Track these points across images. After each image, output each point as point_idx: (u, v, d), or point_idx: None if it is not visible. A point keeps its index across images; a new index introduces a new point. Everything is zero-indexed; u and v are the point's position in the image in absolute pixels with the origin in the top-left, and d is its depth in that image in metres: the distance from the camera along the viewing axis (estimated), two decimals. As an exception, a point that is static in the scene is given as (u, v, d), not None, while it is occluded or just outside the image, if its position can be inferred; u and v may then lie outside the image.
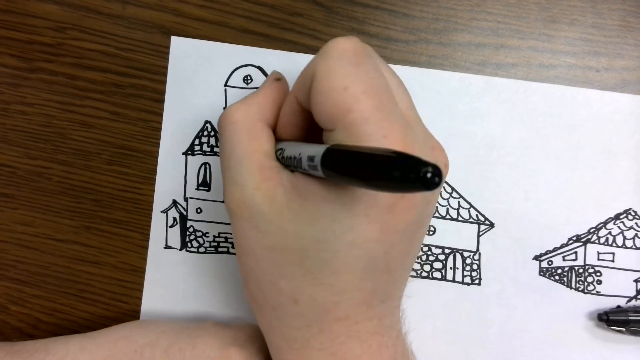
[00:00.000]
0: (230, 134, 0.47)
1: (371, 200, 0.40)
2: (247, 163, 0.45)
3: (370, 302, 0.45)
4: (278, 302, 0.46)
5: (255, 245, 0.45)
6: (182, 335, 0.56)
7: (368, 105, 0.40)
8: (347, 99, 0.40)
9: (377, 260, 0.43)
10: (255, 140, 0.46)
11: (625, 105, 0.63)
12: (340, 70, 0.41)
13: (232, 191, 0.45)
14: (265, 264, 0.45)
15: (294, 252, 0.43)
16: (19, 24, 0.64)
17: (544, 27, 0.63)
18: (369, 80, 0.41)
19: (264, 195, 0.44)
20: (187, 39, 0.63)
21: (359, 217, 0.40)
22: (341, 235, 0.41)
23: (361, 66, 0.42)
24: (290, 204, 0.43)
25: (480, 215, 0.63)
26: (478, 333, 0.63)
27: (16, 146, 0.64)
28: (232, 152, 0.46)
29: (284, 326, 0.46)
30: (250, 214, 0.44)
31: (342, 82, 0.40)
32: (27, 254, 0.65)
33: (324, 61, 0.42)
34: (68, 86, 0.63)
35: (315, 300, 0.44)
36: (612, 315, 0.60)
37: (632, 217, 0.63)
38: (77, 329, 0.65)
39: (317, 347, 0.45)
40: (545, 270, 0.62)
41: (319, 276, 0.43)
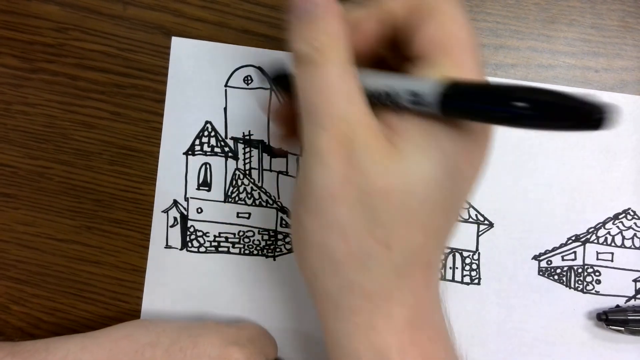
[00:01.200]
0: (333, 68, 0.42)
1: (476, 139, 0.41)
2: (357, 100, 0.41)
3: (441, 250, 0.45)
4: (369, 252, 0.41)
5: (351, 188, 0.40)
6: (183, 335, 0.56)
7: (474, 54, 0.41)
8: (465, 37, 0.40)
9: (460, 207, 0.44)
10: (355, 79, 0.42)
11: (624, 106, 0.63)
12: (460, 10, 0.41)
13: (337, 127, 0.40)
14: (361, 209, 0.41)
15: (395, 192, 0.40)
16: (20, 24, 0.64)
17: (543, 28, 0.64)
18: (472, 31, 0.42)
19: (373, 135, 0.40)
20: (187, 40, 0.63)
21: (464, 154, 0.40)
22: (454, 175, 0.40)
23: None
24: (398, 143, 0.40)
25: (479, 215, 0.63)
26: (477, 332, 0.63)
27: (18, 146, 0.64)
28: (338, 88, 0.41)
29: (369, 280, 0.42)
30: (354, 152, 0.40)
31: (462, 20, 0.41)
32: (28, 254, 0.65)
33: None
34: (69, 86, 0.64)
35: (408, 243, 0.41)
36: (611, 315, 0.60)
37: (631, 217, 0.63)
38: (78, 329, 0.65)
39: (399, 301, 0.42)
40: (544, 269, 0.63)
41: (414, 219, 0.41)
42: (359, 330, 0.43)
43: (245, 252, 0.64)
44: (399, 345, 0.42)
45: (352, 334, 0.43)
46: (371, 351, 0.42)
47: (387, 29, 0.44)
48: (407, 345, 0.42)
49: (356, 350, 0.43)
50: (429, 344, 0.43)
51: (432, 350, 0.43)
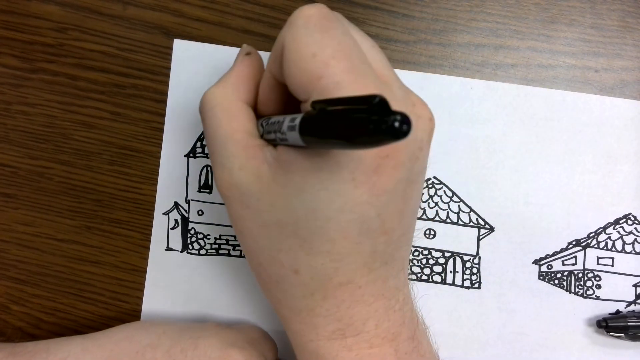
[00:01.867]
0: (211, 118, 0.47)
1: (356, 164, 0.40)
2: (230, 145, 0.45)
3: (371, 265, 0.45)
4: (280, 276, 0.46)
5: (250, 223, 0.46)
6: (184, 336, 0.56)
7: (339, 69, 0.40)
8: (317, 65, 0.40)
9: (371, 222, 0.43)
10: (234, 121, 0.46)
11: (625, 111, 0.63)
12: (307, 38, 0.41)
13: (220, 174, 0.46)
14: (263, 241, 0.46)
15: (287, 224, 0.43)
16: (20, 24, 0.63)
17: (543, 28, 0.64)
18: (337, 45, 0.41)
19: (250, 173, 0.44)
20: (189, 42, 0.63)
21: (346, 182, 0.40)
22: (330, 202, 0.41)
23: (328, 31, 0.41)
24: (277, 178, 0.43)
25: (480, 219, 0.63)
26: (477, 336, 0.63)
27: (17, 146, 0.64)
28: (215, 135, 0.46)
29: (289, 298, 0.47)
30: (240, 194, 0.45)
31: (309, 50, 0.40)
32: (28, 254, 0.65)
33: (290, 30, 0.42)
34: (69, 86, 0.63)
35: (315, 268, 0.44)
36: (611, 321, 0.60)
37: (632, 222, 0.63)
38: (78, 328, 0.65)
39: (323, 315, 0.46)
40: (544, 274, 0.63)
41: (315, 245, 0.43)
42: (296, 336, 0.49)
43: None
44: (332, 350, 0.47)
45: (293, 339, 0.50)
46: (309, 355, 0.48)
47: (278, 85, 0.47)
48: (341, 350, 0.46)
49: (300, 353, 0.50)
50: (370, 350, 0.46)
51: (372, 354, 0.46)
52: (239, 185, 0.44)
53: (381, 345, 0.46)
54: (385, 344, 0.47)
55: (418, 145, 0.44)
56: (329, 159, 0.40)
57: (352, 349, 0.46)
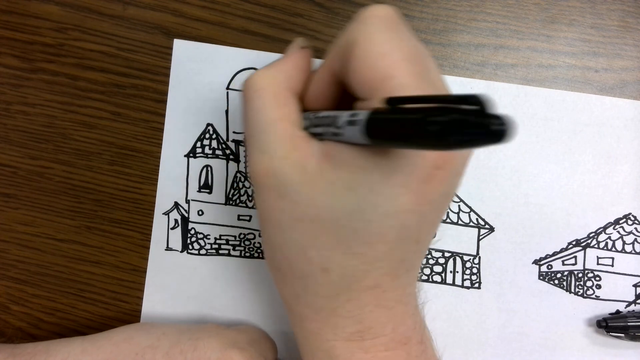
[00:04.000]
0: (256, 100, 0.46)
1: (411, 169, 0.40)
2: (275, 131, 0.44)
3: (397, 272, 0.45)
4: (306, 272, 0.45)
5: (282, 216, 0.44)
6: (183, 337, 0.56)
7: (408, 72, 0.40)
8: (388, 65, 0.40)
9: (410, 230, 0.42)
10: (283, 108, 0.45)
11: (625, 111, 0.63)
12: (379, 37, 0.41)
13: (258, 160, 0.44)
14: (294, 235, 0.44)
15: (325, 221, 0.42)
16: (20, 24, 0.63)
17: (543, 28, 0.64)
18: (407, 48, 0.41)
19: (294, 164, 0.43)
20: (189, 42, 0.63)
21: (397, 187, 0.40)
22: (377, 206, 0.41)
23: (399, 33, 0.42)
24: (324, 173, 0.42)
25: (480, 219, 0.63)
26: (477, 336, 0.63)
27: (17, 146, 0.64)
28: (258, 119, 0.45)
29: (311, 295, 0.46)
30: (278, 183, 0.44)
31: (382, 49, 0.40)
32: (28, 254, 0.65)
33: (362, 27, 0.42)
34: (69, 86, 0.63)
35: (346, 269, 0.43)
36: (610, 321, 0.60)
37: (632, 222, 0.63)
38: (78, 329, 0.65)
39: (344, 315, 0.45)
40: (544, 274, 0.63)
41: (351, 246, 0.43)
42: (310, 335, 0.48)
43: (246, 254, 0.64)
44: (347, 352, 0.46)
45: (306, 338, 0.49)
46: (322, 354, 0.47)
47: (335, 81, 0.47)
48: (357, 352, 0.46)
49: (311, 352, 0.49)
50: (385, 353, 0.46)
51: (386, 356, 0.46)
52: (278, 174, 0.43)
53: (395, 349, 0.46)
54: (399, 348, 0.46)
55: (464, 161, 0.44)
56: (384, 160, 0.40)
57: (368, 351, 0.46)
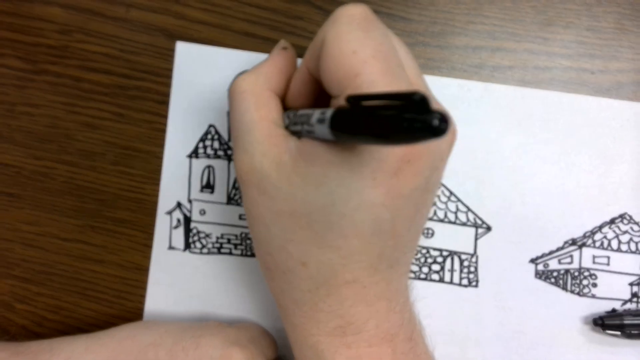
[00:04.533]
0: (239, 103, 0.48)
1: (378, 164, 0.40)
2: (255, 131, 0.46)
3: (377, 266, 0.45)
4: (287, 266, 0.46)
5: (264, 210, 0.46)
6: (186, 335, 0.57)
7: (376, 69, 0.40)
8: (356, 62, 0.40)
9: (383, 224, 0.43)
10: (262, 109, 0.47)
11: (621, 112, 0.63)
12: (349, 35, 0.42)
13: (241, 159, 0.46)
14: (275, 229, 0.46)
15: (301, 216, 0.44)
16: (24, 26, 0.64)
17: (539, 30, 0.64)
18: (377, 45, 0.41)
19: (272, 161, 0.44)
20: (192, 44, 0.63)
21: (366, 180, 0.41)
22: (348, 199, 0.41)
23: (370, 31, 0.42)
24: (298, 168, 0.43)
25: (477, 219, 0.63)
26: (475, 334, 0.63)
27: (22, 147, 0.65)
28: (241, 120, 0.47)
29: (294, 289, 0.47)
30: (259, 180, 0.45)
31: (351, 47, 0.41)
32: (32, 253, 0.66)
33: (333, 26, 0.43)
34: (73, 88, 0.64)
35: (323, 263, 0.44)
36: (607, 320, 0.61)
37: (627, 221, 0.63)
38: (82, 327, 0.66)
39: (326, 310, 0.46)
40: (541, 273, 0.63)
41: (326, 239, 0.43)
42: (296, 329, 0.49)
43: (247, 253, 0.64)
44: (331, 347, 0.47)
45: (293, 332, 0.50)
46: (308, 348, 0.48)
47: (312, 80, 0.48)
48: (341, 347, 0.47)
49: (299, 346, 0.50)
50: (368, 349, 0.47)
51: (370, 352, 0.47)
52: (259, 170, 0.45)
53: (379, 345, 0.47)
54: (384, 344, 0.47)
55: (439, 156, 0.44)
56: (352, 155, 0.41)
57: (351, 346, 0.46)
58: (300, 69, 0.49)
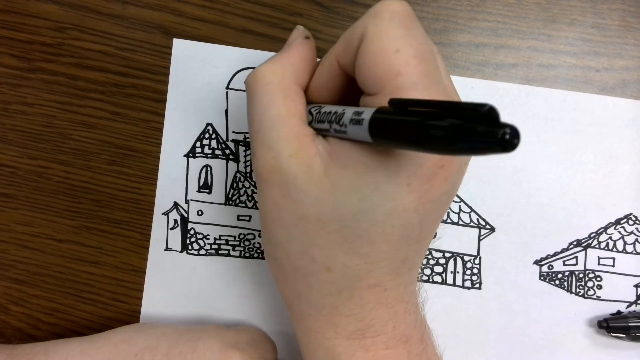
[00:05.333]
0: (264, 96, 0.45)
1: (415, 169, 0.40)
2: (283, 128, 0.43)
3: (399, 270, 0.45)
4: (309, 271, 0.45)
5: (287, 214, 0.44)
6: (183, 338, 0.56)
7: (418, 70, 0.39)
8: (398, 62, 0.39)
9: (412, 229, 0.42)
10: (290, 103, 0.45)
11: (627, 111, 0.63)
12: (392, 32, 0.40)
13: (264, 156, 0.44)
14: (297, 233, 0.44)
15: (329, 221, 0.42)
16: (19, 24, 0.63)
17: (543, 27, 0.63)
18: (419, 45, 0.40)
19: (301, 163, 0.42)
20: (189, 42, 0.63)
21: (401, 186, 0.40)
22: (382, 205, 0.40)
23: (412, 30, 0.41)
24: (329, 172, 0.42)
25: (481, 220, 0.63)
26: (478, 337, 0.63)
27: (16, 146, 0.64)
28: (265, 115, 0.44)
29: (314, 293, 0.46)
30: (284, 181, 0.43)
31: (393, 45, 0.40)
32: (27, 254, 0.65)
33: (375, 21, 0.41)
34: (68, 86, 0.63)
35: (349, 268, 0.43)
36: (612, 322, 0.60)
37: (633, 222, 0.63)
38: (77, 329, 0.65)
39: (346, 314, 0.45)
40: (545, 274, 0.63)
41: (355, 245, 0.42)
42: (311, 333, 0.48)
43: (246, 255, 0.64)
44: (348, 350, 0.46)
45: (307, 336, 0.49)
46: (323, 352, 0.47)
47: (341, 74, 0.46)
48: (358, 350, 0.46)
49: (312, 350, 0.48)
50: (385, 351, 0.46)
51: (387, 354, 0.46)
52: (285, 172, 0.43)
53: (396, 347, 0.46)
54: (400, 346, 0.46)
55: (465, 160, 0.44)
56: (389, 159, 0.40)
57: (369, 349, 0.46)
58: (328, 61, 0.46)
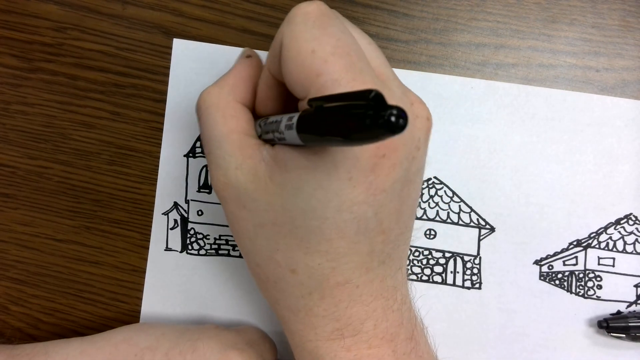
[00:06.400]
0: (206, 118, 0.47)
1: (352, 162, 0.40)
2: (226, 144, 0.45)
3: (368, 265, 0.45)
4: (278, 275, 0.46)
5: (247, 223, 0.46)
6: (183, 339, 0.56)
7: (337, 66, 0.39)
8: (316, 62, 0.40)
9: (368, 221, 0.43)
10: (230, 121, 0.46)
11: (626, 110, 0.63)
12: (306, 34, 0.41)
13: (216, 174, 0.46)
14: (260, 241, 0.45)
15: (283, 224, 0.43)
16: (19, 24, 0.63)
17: (543, 27, 0.63)
18: (336, 42, 0.40)
19: (247, 173, 0.44)
20: (189, 42, 0.63)
21: (343, 181, 0.40)
22: (327, 202, 0.41)
23: (327, 28, 0.41)
24: (274, 177, 0.43)
25: (481, 220, 0.63)
26: (478, 337, 0.63)
27: (17, 146, 0.64)
28: (210, 135, 0.46)
29: (287, 297, 0.47)
30: (236, 193, 0.45)
31: (308, 46, 0.40)
32: (27, 254, 0.65)
33: (288, 27, 0.42)
34: (68, 86, 0.63)
35: (313, 268, 0.44)
36: (612, 322, 0.60)
37: (633, 222, 0.63)
38: (77, 329, 0.65)
39: (322, 314, 0.46)
40: (545, 274, 0.63)
41: (312, 244, 0.43)
42: (294, 336, 0.49)
43: (246, 254, 0.63)
44: (330, 351, 0.46)
45: (292, 339, 0.50)
46: (308, 354, 0.48)
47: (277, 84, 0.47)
48: (340, 351, 0.46)
49: (298, 353, 0.50)
50: (369, 351, 0.46)
51: (370, 354, 0.46)
52: (235, 184, 0.44)
53: (380, 346, 0.46)
54: (384, 345, 0.46)
55: (415, 145, 0.44)
56: (326, 157, 0.40)
57: (350, 349, 0.46)
58: (264, 73, 0.48)
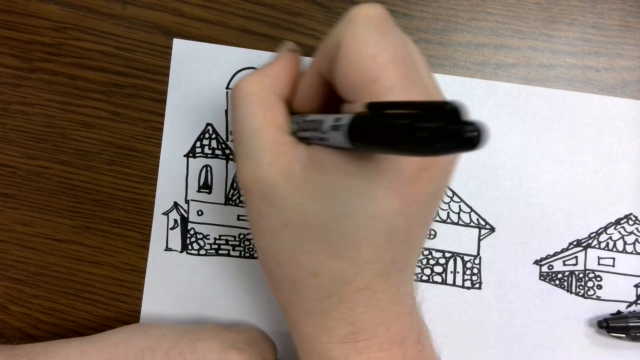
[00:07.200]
0: (243, 106, 0.46)
1: (394, 172, 0.39)
2: (261, 137, 0.44)
3: (389, 272, 0.44)
4: (297, 277, 0.45)
5: (272, 222, 0.44)
6: (183, 339, 0.56)
7: (395, 74, 0.39)
8: (375, 67, 0.39)
9: (398, 231, 0.42)
10: (269, 113, 0.45)
11: (626, 110, 0.63)
12: (368, 37, 0.40)
13: (245, 166, 0.45)
14: (283, 240, 0.44)
15: (313, 226, 0.42)
16: (19, 24, 0.63)
17: (543, 27, 0.63)
18: (396, 49, 0.40)
19: (280, 170, 0.43)
20: (189, 41, 0.63)
21: (381, 189, 0.40)
22: (363, 209, 0.40)
23: (388, 34, 0.41)
24: (309, 178, 0.42)
25: (481, 220, 0.63)
26: (478, 337, 0.63)
27: (17, 146, 0.64)
28: (245, 125, 0.45)
29: (303, 299, 0.46)
30: (266, 189, 0.43)
31: (370, 50, 0.40)
32: (27, 254, 0.65)
33: (350, 28, 0.41)
34: (68, 86, 0.63)
35: (336, 272, 0.43)
36: (612, 322, 0.60)
37: (633, 222, 0.63)
38: (77, 329, 0.65)
39: (337, 318, 0.45)
40: (545, 274, 0.63)
41: (339, 249, 0.42)
42: (305, 338, 0.47)
43: (246, 255, 0.64)
44: (342, 354, 0.46)
45: (301, 341, 0.49)
46: (318, 356, 0.47)
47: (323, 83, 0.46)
48: (352, 353, 0.45)
49: (307, 355, 0.48)
50: (379, 354, 0.45)
51: (381, 357, 0.46)
52: (266, 180, 0.43)
53: (390, 349, 0.46)
54: (394, 348, 0.46)
55: (451, 159, 0.43)
56: (369, 164, 0.39)
57: (362, 352, 0.45)
58: (311, 71, 0.47)
